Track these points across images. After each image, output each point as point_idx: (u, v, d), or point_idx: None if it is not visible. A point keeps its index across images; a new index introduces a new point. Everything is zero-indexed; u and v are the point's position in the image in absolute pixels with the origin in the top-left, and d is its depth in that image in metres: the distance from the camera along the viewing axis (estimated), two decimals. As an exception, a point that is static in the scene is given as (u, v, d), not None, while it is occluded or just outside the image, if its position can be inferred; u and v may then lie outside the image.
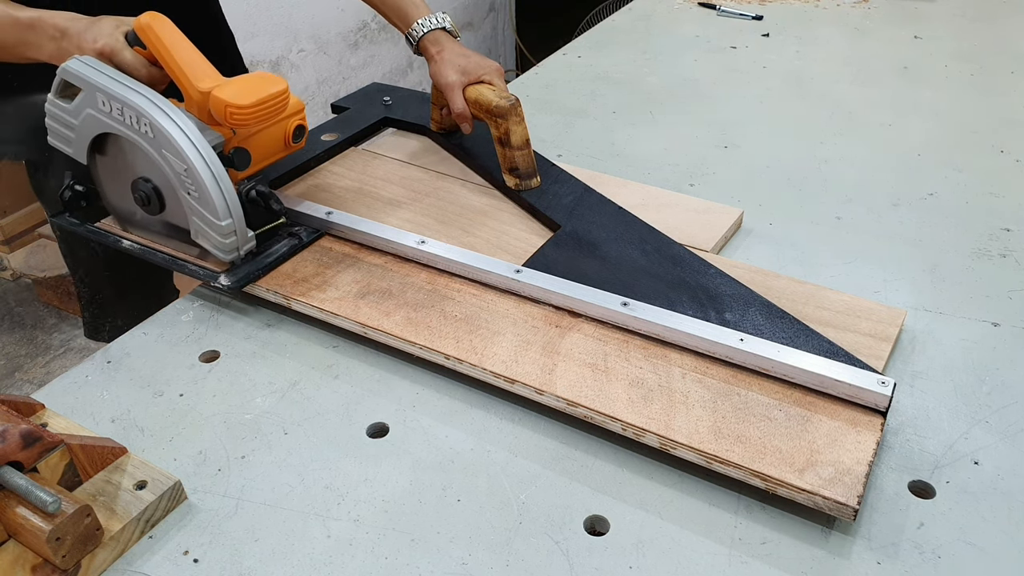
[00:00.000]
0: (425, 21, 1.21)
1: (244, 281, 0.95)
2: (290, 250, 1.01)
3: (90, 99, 0.92)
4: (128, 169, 0.97)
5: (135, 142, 0.91)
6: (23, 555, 0.66)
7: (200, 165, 0.89)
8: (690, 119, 1.46)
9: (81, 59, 0.92)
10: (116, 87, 0.90)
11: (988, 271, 1.04)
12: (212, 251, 0.94)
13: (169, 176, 0.91)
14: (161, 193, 0.96)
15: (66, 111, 0.96)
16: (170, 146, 0.88)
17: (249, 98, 0.91)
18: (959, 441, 0.79)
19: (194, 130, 0.89)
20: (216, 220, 0.91)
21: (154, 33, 0.92)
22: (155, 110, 0.88)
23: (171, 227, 0.99)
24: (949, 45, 1.76)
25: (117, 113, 0.91)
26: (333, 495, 0.74)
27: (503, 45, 4.18)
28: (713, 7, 2.00)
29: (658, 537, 0.70)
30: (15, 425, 0.66)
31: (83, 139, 0.97)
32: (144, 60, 0.96)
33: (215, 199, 0.90)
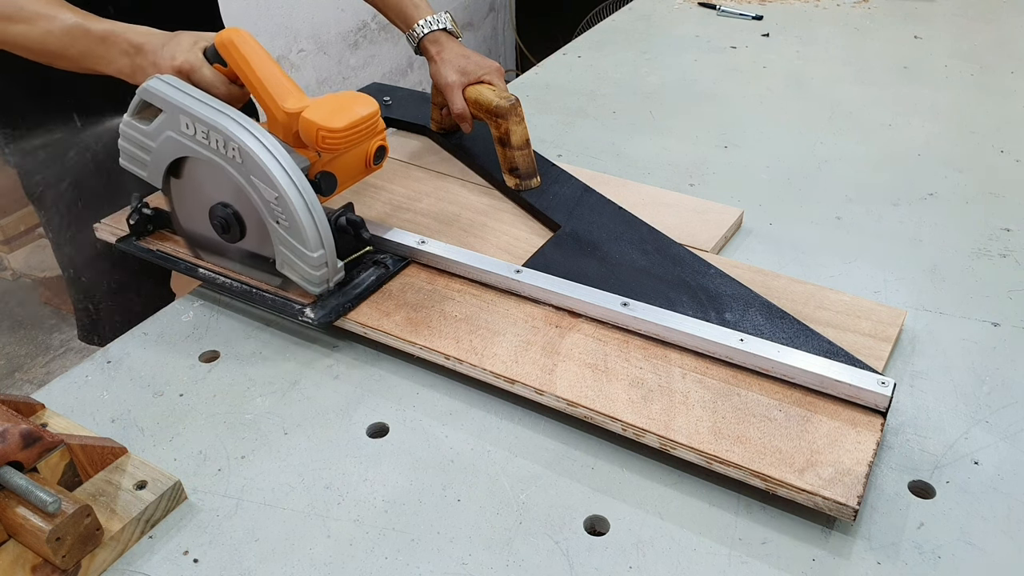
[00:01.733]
0: (426, 21, 1.21)
1: (333, 315, 0.89)
2: (377, 280, 0.94)
3: (172, 121, 0.88)
4: (206, 194, 0.92)
5: (219, 166, 0.86)
6: (23, 555, 0.66)
7: (293, 194, 0.83)
8: (690, 119, 1.46)
9: (163, 78, 0.88)
10: (202, 109, 0.85)
11: (988, 271, 1.04)
12: (300, 283, 0.89)
13: (256, 203, 0.86)
14: (243, 220, 0.91)
15: (143, 132, 0.91)
16: (261, 173, 0.83)
17: (342, 121, 0.86)
18: (959, 441, 0.79)
19: (286, 156, 0.84)
20: (308, 251, 0.85)
21: (236, 50, 0.88)
22: (245, 134, 0.83)
23: (250, 255, 0.94)
24: (949, 45, 1.76)
25: (202, 136, 0.86)
26: (333, 495, 0.74)
27: (503, 45, 4.18)
28: (713, 7, 2.00)
29: (658, 537, 0.70)
30: (15, 425, 0.66)
31: (160, 162, 0.92)
32: (224, 78, 0.92)
33: (307, 229, 0.84)
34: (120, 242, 1.03)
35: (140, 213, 1.01)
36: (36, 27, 0.94)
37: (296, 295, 0.92)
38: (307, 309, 0.90)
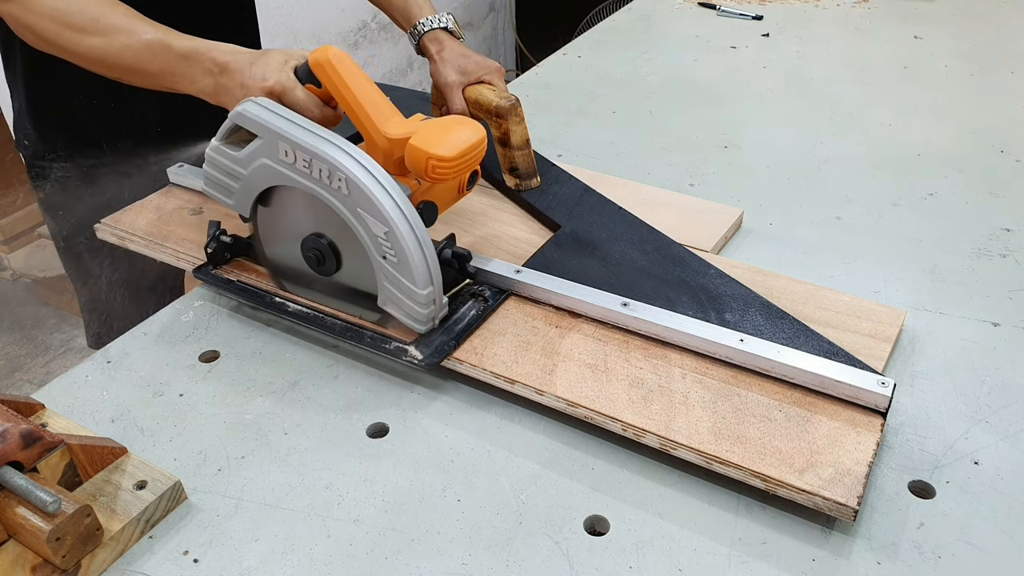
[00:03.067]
0: (427, 20, 1.21)
1: (440, 355, 0.84)
2: (479, 314, 0.89)
3: (269, 148, 0.82)
4: (299, 224, 0.87)
5: (320, 197, 0.81)
6: (23, 555, 0.66)
7: (404, 229, 0.78)
8: (690, 119, 1.46)
9: (258, 101, 0.83)
10: (304, 135, 0.80)
11: (988, 271, 1.04)
12: (403, 320, 0.84)
13: (360, 237, 0.81)
14: (339, 252, 0.87)
15: (233, 159, 0.86)
16: (370, 206, 0.78)
17: (453, 148, 0.82)
18: (959, 441, 0.79)
19: (396, 189, 0.79)
20: (416, 289, 0.81)
21: (334, 70, 0.84)
22: (354, 164, 0.78)
23: (345, 289, 0.89)
24: (949, 45, 1.76)
25: (303, 165, 0.80)
26: (333, 495, 0.74)
27: (503, 45, 4.18)
28: (713, 7, 2.00)
29: (658, 537, 0.70)
30: (15, 425, 0.66)
31: (251, 191, 0.87)
32: (317, 100, 0.88)
33: (417, 266, 0.79)
34: (197, 272, 0.97)
35: (218, 240, 0.96)
36: (114, 41, 0.92)
37: (395, 332, 0.87)
38: (411, 348, 0.85)
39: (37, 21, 0.93)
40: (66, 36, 0.93)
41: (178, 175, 1.13)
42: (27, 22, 0.94)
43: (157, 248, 1.03)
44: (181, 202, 1.10)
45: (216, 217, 1.07)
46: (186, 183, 1.13)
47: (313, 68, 0.86)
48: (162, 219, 1.07)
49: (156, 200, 1.11)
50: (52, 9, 0.92)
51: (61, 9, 0.92)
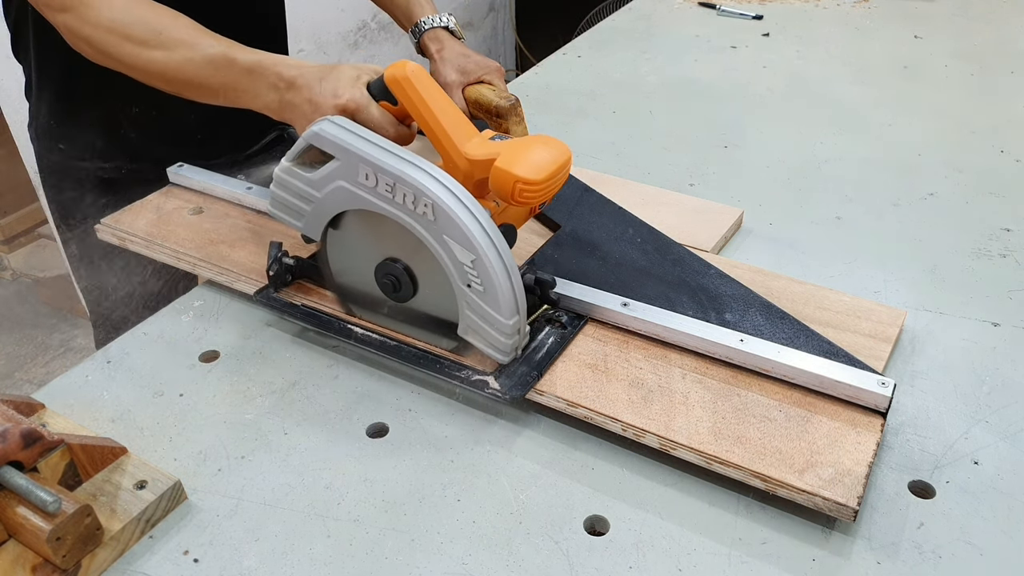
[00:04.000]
0: (428, 19, 1.21)
1: (523, 387, 0.80)
2: (558, 342, 0.85)
3: (347, 170, 0.79)
4: (373, 248, 0.84)
5: (400, 222, 0.78)
6: (23, 555, 0.66)
7: (493, 257, 0.75)
8: (690, 119, 1.46)
9: (336, 121, 0.79)
10: (387, 158, 0.76)
11: (988, 271, 1.04)
12: (486, 351, 0.81)
13: (443, 263, 0.78)
14: (416, 278, 0.83)
15: (306, 181, 0.82)
16: (458, 233, 0.75)
17: (542, 171, 0.77)
18: (959, 441, 0.79)
19: (485, 216, 0.75)
20: (503, 318, 0.77)
21: (412, 87, 0.80)
22: (441, 189, 0.75)
23: (419, 316, 0.86)
24: (949, 45, 1.76)
25: (385, 189, 0.77)
26: (333, 495, 0.74)
27: (503, 45, 4.18)
28: (713, 7, 2.00)
29: (658, 537, 0.70)
30: (15, 425, 0.66)
31: (323, 214, 0.83)
32: (392, 118, 0.85)
33: (505, 295, 0.76)
34: (258, 295, 0.93)
35: (280, 263, 0.92)
36: (175, 54, 0.89)
37: (472, 361, 0.84)
38: (491, 379, 0.81)
39: (94, 33, 0.90)
40: (125, 49, 0.90)
41: (178, 175, 1.13)
42: (84, 34, 0.91)
43: (157, 249, 1.03)
44: (181, 202, 1.10)
45: (212, 219, 1.07)
46: (186, 183, 1.13)
47: (389, 84, 0.82)
48: (162, 219, 1.07)
49: (156, 200, 1.11)
50: (111, 20, 0.89)
51: (121, 21, 0.89)
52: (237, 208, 1.09)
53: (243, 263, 0.98)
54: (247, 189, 1.08)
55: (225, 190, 1.09)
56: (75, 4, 0.90)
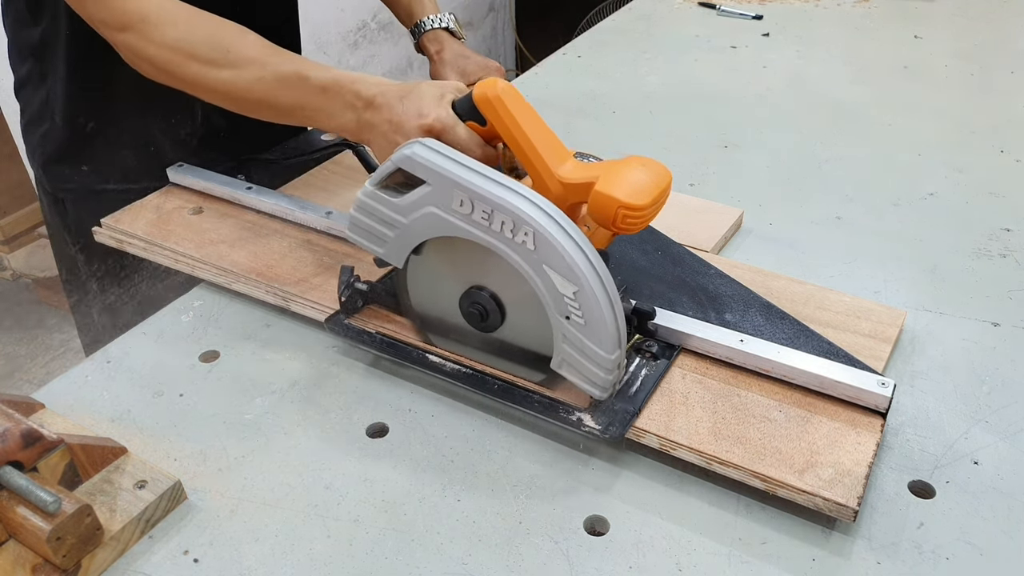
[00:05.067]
0: (428, 19, 1.21)
1: (623, 426, 0.76)
2: (653, 374, 0.81)
3: (440, 196, 0.74)
4: (459, 275, 0.80)
5: (495, 250, 0.74)
6: (23, 555, 0.66)
7: (598, 289, 0.71)
8: (690, 119, 1.46)
9: (427, 144, 0.75)
10: (486, 185, 0.72)
11: (988, 271, 1.04)
12: (582, 386, 0.76)
13: (540, 294, 0.73)
14: (504, 307, 0.79)
15: (392, 207, 0.78)
16: (561, 263, 0.71)
17: (646, 196, 0.74)
18: (959, 441, 0.79)
19: (589, 245, 0.72)
20: (604, 353, 0.73)
21: (504, 108, 0.77)
22: (544, 218, 0.70)
23: (505, 346, 0.82)
24: (949, 45, 1.76)
25: (482, 216, 0.72)
26: (333, 495, 0.74)
27: (503, 45, 4.18)
28: (713, 7, 2.00)
29: (658, 537, 0.70)
30: (15, 425, 0.66)
31: (409, 241, 0.79)
32: (479, 139, 0.81)
33: (608, 329, 0.72)
34: (329, 322, 0.89)
35: (352, 288, 0.88)
36: (244, 73, 0.86)
37: (563, 395, 0.80)
38: (586, 417, 0.77)
39: (158, 52, 0.87)
40: (191, 68, 0.87)
41: (178, 175, 1.13)
42: (146, 53, 0.88)
43: (155, 251, 1.02)
44: (181, 201, 1.10)
45: (212, 219, 1.07)
46: (186, 183, 1.13)
47: (479, 104, 0.79)
48: (162, 219, 1.07)
49: (155, 200, 1.11)
50: (175, 39, 0.87)
51: (186, 39, 0.86)
52: (237, 208, 1.09)
53: (243, 263, 0.98)
54: (247, 189, 1.08)
55: (225, 190, 1.09)
56: (136, 23, 0.87)
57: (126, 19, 0.87)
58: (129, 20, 0.87)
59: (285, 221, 1.06)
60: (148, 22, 0.87)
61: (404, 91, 0.83)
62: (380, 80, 0.85)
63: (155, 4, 0.87)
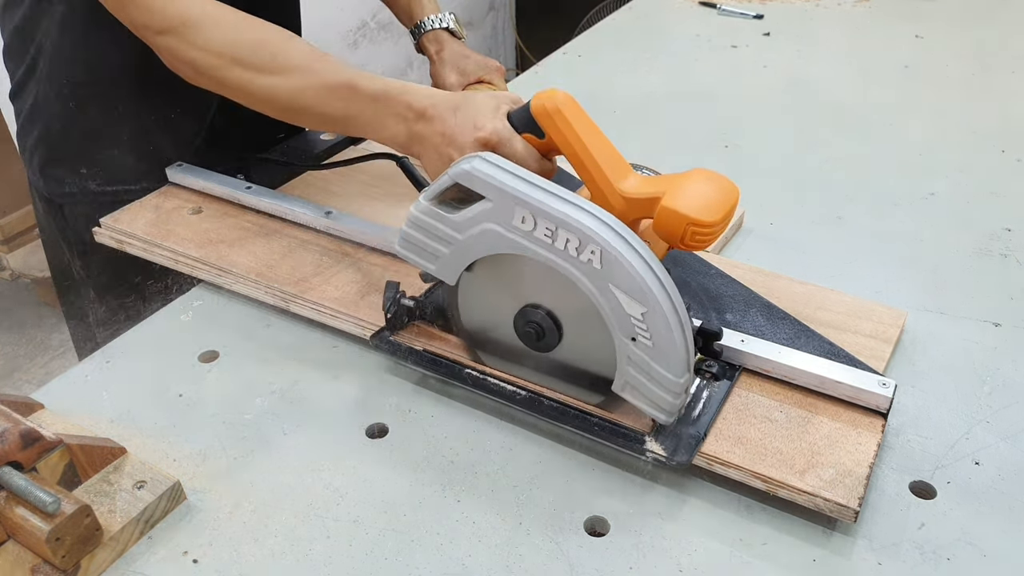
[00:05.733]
0: (428, 20, 1.21)
1: (690, 452, 0.73)
2: (716, 396, 0.78)
3: (500, 212, 0.71)
4: (514, 293, 0.77)
5: (557, 268, 0.71)
6: (23, 555, 0.66)
7: (668, 310, 0.68)
8: (690, 119, 1.45)
9: (488, 158, 0.71)
10: (551, 201, 0.69)
11: (989, 271, 1.04)
12: (645, 409, 0.73)
13: (605, 314, 0.70)
14: (562, 327, 0.76)
15: (448, 223, 0.75)
16: (630, 283, 0.67)
17: (716, 211, 0.71)
18: (960, 441, 0.79)
19: (659, 264, 0.69)
20: (672, 376, 0.70)
21: (564, 120, 0.75)
22: (612, 236, 0.67)
23: (561, 367, 0.79)
24: (950, 45, 1.76)
25: (544, 234, 0.69)
26: (333, 495, 0.74)
27: (503, 44, 4.18)
28: (713, 6, 2.00)
29: (658, 538, 0.70)
30: (15, 425, 0.66)
31: (464, 258, 0.76)
32: (535, 152, 0.79)
33: (677, 351, 0.69)
34: (375, 339, 0.86)
35: (399, 304, 0.85)
36: (290, 80, 0.84)
37: (622, 417, 0.77)
38: (651, 443, 0.74)
39: (201, 56, 0.85)
40: (234, 73, 0.85)
41: (177, 174, 1.13)
42: (188, 57, 0.86)
43: (154, 251, 1.02)
44: (180, 201, 1.10)
45: (211, 219, 1.06)
46: (185, 182, 1.13)
47: (538, 117, 0.77)
48: (161, 218, 1.07)
49: (155, 200, 1.11)
50: (221, 43, 0.84)
51: (232, 43, 0.84)
52: (236, 207, 1.09)
53: (243, 263, 0.98)
54: (246, 188, 1.08)
55: (224, 190, 1.09)
56: (178, 25, 0.85)
57: (168, 22, 0.85)
58: (171, 23, 0.85)
59: (285, 221, 1.06)
60: (190, 25, 0.85)
61: (457, 102, 0.81)
62: (432, 91, 0.83)
63: (198, 6, 0.86)
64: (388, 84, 0.83)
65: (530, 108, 0.78)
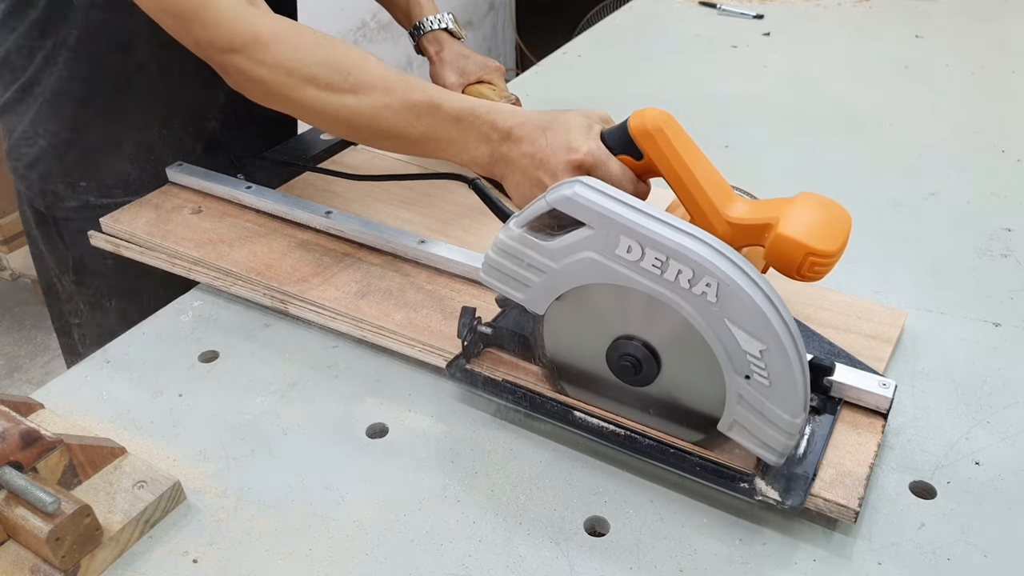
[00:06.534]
0: (427, 20, 1.21)
1: (802, 495, 0.69)
2: (821, 432, 0.75)
3: (603, 241, 0.67)
4: (608, 323, 0.72)
5: (664, 300, 0.66)
6: (22, 556, 0.66)
7: (790, 349, 0.63)
8: (690, 119, 1.44)
9: (590, 183, 0.67)
10: (662, 229, 0.64)
11: (989, 271, 1.04)
12: (754, 449, 0.69)
13: (716, 350, 0.66)
14: (661, 361, 0.72)
15: (542, 251, 0.70)
16: (749, 319, 0.63)
17: (836, 240, 0.68)
18: (960, 441, 0.79)
19: (780, 299, 0.64)
20: (788, 416, 0.66)
21: (666, 140, 0.72)
22: (732, 268, 0.63)
23: (655, 401, 0.74)
24: (950, 44, 1.76)
25: (653, 264, 0.65)
26: (333, 495, 0.74)
27: (503, 44, 4.18)
28: (713, 6, 2.00)
29: (658, 538, 0.70)
30: (15, 425, 0.66)
31: (557, 287, 0.72)
32: (632, 174, 0.75)
33: (797, 391, 0.65)
34: (451, 367, 0.82)
35: (475, 331, 0.81)
36: (368, 99, 0.80)
37: (724, 456, 0.73)
38: (760, 483, 0.70)
39: (271, 75, 0.81)
40: (308, 93, 0.81)
41: (177, 174, 1.13)
42: (258, 75, 0.82)
43: (152, 254, 1.02)
44: (180, 201, 1.10)
45: (211, 219, 1.06)
46: (184, 182, 1.12)
47: (638, 138, 0.73)
48: (161, 218, 1.07)
49: (155, 199, 1.11)
50: (291, 60, 0.81)
51: (303, 61, 0.81)
52: (236, 207, 1.09)
53: (242, 262, 0.98)
54: (246, 188, 1.08)
55: (224, 189, 1.09)
56: (246, 44, 0.81)
57: (237, 39, 0.82)
58: (241, 40, 0.81)
59: (285, 221, 1.06)
60: (260, 41, 0.81)
61: (546, 122, 0.77)
62: (517, 110, 0.80)
63: (267, 22, 0.82)
64: (472, 103, 0.80)
65: (628, 128, 0.75)
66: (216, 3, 0.82)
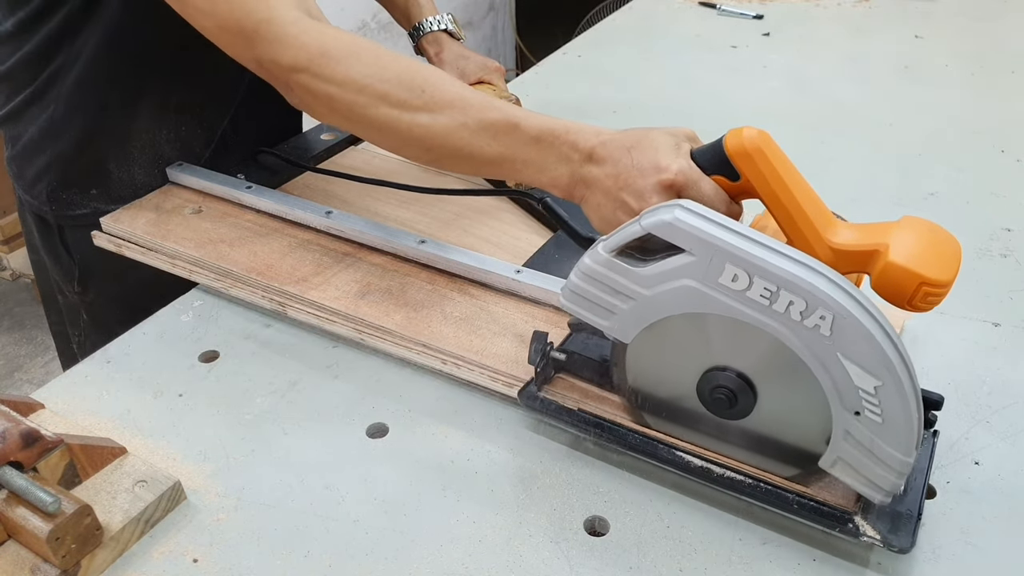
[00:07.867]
0: (427, 21, 1.21)
1: (911, 534, 0.66)
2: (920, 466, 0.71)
3: (705, 268, 0.63)
4: (699, 354, 0.69)
5: (771, 332, 0.63)
6: (23, 555, 0.66)
7: (907, 386, 0.60)
8: (690, 119, 1.45)
9: (690, 207, 0.64)
10: (773, 258, 0.61)
11: (989, 271, 1.04)
12: (859, 488, 0.66)
13: (824, 385, 0.63)
14: (758, 394, 0.68)
15: (632, 277, 0.67)
16: (865, 355, 0.60)
17: (950, 270, 0.63)
18: (960, 441, 0.79)
19: (895, 332, 0.61)
20: (900, 455, 0.62)
21: (765, 160, 0.68)
22: (849, 301, 0.60)
23: (748, 435, 0.71)
24: (950, 45, 1.76)
25: (761, 295, 0.62)
26: (333, 495, 0.74)
27: (503, 45, 4.18)
28: (713, 6, 2.00)
29: (658, 537, 0.70)
30: (15, 425, 0.66)
31: (648, 315, 0.68)
32: (725, 195, 0.71)
33: (911, 429, 0.61)
34: (522, 395, 0.79)
35: (548, 357, 0.78)
36: (443, 118, 0.76)
37: (823, 493, 0.70)
38: (864, 523, 0.67)
39: (340, 93, 0.77)
40: (380, 112, 0.77)
41: (177, 174, 1.13)
42: (325, 93, 0.78)
43: (152, 255, 1.02)
44: (180, 201, 1.10)
45: (211, 219, 1.06)
46: (185, 182, 1.13)
47: (735, 158, 0.69)
48: (162, 218, 1.07)
49: (155, 199, 1.11)
50: (361, 77, 0.77)
51: (374, 77, 0.77)
52: (236, 207, 1.09)
53: (243, 262, 0.98)
54: (247, 188, 1.08)
55: (224, 190, 1.09)
56: (315, 59, 0.77)
57: (304, 56, 0.78)
58: (308, 57, 0.78)
59: (285, 220, 1.06)
60: (329, 56, 0.77)
61: (631, 141, 0.74)
62: (598, 128, 0.76)
63: (332, 37, 0.78)
64: (551, 123, 0.76)
65: (724, 146, 0.71)
66: (280, 18, 0.78)
